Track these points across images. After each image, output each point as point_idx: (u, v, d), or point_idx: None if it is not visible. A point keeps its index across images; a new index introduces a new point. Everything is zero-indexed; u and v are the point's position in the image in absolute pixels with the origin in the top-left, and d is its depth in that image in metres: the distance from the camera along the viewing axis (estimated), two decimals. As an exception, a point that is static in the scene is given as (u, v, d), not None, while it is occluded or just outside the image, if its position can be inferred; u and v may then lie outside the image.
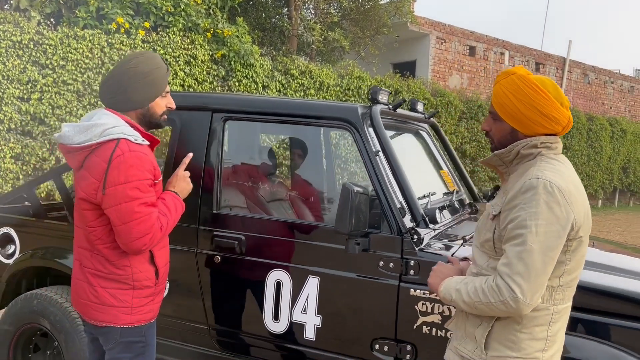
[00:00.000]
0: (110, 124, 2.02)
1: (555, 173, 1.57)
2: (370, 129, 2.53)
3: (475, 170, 11.61)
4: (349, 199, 2.22)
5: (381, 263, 2.38)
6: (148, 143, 2.09)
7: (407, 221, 2.38)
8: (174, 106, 2.24)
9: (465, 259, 1.94)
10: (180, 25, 7.08)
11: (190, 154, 2.38)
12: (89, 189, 2.02)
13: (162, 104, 2.18)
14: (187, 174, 2.30)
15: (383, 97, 2.68)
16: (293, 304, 2.54)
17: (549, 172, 1.56)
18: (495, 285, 1.55)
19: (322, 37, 10.57)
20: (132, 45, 6.66)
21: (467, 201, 3.47)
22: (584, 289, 2.11)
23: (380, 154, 2.47)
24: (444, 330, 2.27)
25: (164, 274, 2.21)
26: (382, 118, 2.58)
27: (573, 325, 2.09)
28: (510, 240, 1.56)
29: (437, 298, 2.27)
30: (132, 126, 2.08)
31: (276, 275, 2.57)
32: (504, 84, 1.66)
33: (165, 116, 2.22)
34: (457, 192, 3.30)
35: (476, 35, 14.78)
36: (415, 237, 2.33)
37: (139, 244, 1.99)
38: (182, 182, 2.26)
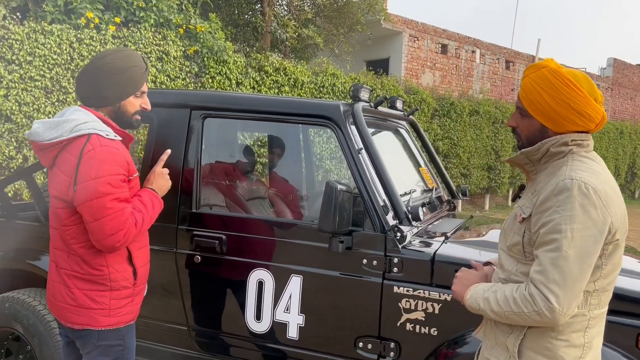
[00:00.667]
0: (82, 120, 1.98)
1: (590, 173, 1.47)
2: (353, 127, 2.52)
3: (448, 167, 11.74)
4: (332, 197, 2.21)
5: (364, 261, 2.37)
6: (120, 138, 2.04)
7: (390, 219, 2.38)
8: (149, 107, 2.19)
9: (488, 263, 1.84)
10: (152, 20, 6.95)
11: (168, 151, 2.34)
12: (60, 186, 1.97)
13: (136, 103, 2.12)
14: (166, 170, 2.26)
15: (364, 95, 2.67)
16: (275, 303, 2.52)
17: (584, 172, 1.47)
18: (528, 294, 1.45)
19: (296, 33, 10.52)
20: (102, 41, 6.51)
21: (446, 198, 3.49)
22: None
23: (363, 151, 2.46)
24: (427, 328, 2.28)
25: (142, 274, 2.16)
26: (363, 115, 2.57)
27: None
28: (544, 246, 1.46)
29: (421, 295, 2.28)
30: (105, 122, 2.04)
31: (258, 275, 2.54)
32: (533, 78, 1.55)
33: (138, 116, 2.16)
34: (435, 189, 3.33)
35: (448, 34, 14.93)
36: (399, 234, 2.33)
37: (112, 241, 1.93)
38: (160, 179, 2.22)
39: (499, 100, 14.26)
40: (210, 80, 7.50)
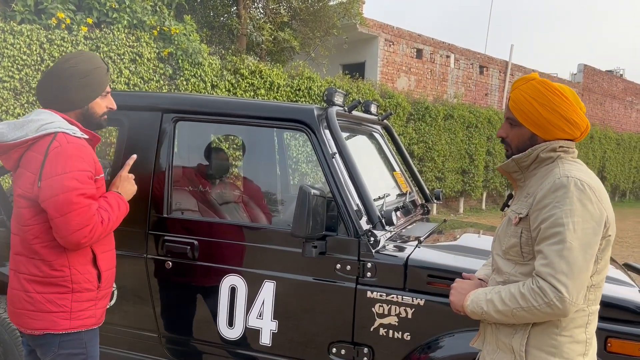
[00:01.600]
0: (47, 120, 1.97)
1: (582, 172, 1.58)
2: (327, 131, 2.51)
3: (423, 170, 11.83)
4: (306, 201, 2.19)
5: (338, 266, 2.36)
6: (87, 137, 2.03)
7: (364, 223, 2.37)
8: (114, 107, 2.21)
9: (480, 279, 1.85)
10: (125, 22, 6.85)
11: (134, 156, 2.35)
12: (25, 184, 1.95)
13: (103, 104, 2.15)
14: (131, 176, 2.26)
15: (339, 99, 2.66)
16: (248, 309, 2.49)
17: (577, 172, 1.56)
18: (537, 287, 1.49)
19: (272, 36, 10.49)
20: (73, 42, 6.39)
21: (419, 202, 3.51)
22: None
23: (337, 156, 2.45)
24: (400, 332, 2.28)
25: (107, 278, 2.12)
26: (337, 120, 2.56)
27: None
28: (547, 240, 1.51)
29: (394, 300, 2.28)
30: (71, 123, 2.03)
31: (231, 281, 2.50)
32: (524, 89, 1.65)
33: (106, 117, 2.18)
34: (409, 194, 3.34)
35: (423, 38, 15.07)
36: (372, 239, 2.32)
37: (78, 236, 1.90)
38: (126, 184, 2.21)
39: (473, 105, 14.45)
40: (184, 83, 7.42)
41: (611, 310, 2.10)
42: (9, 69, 5.98)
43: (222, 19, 11.17)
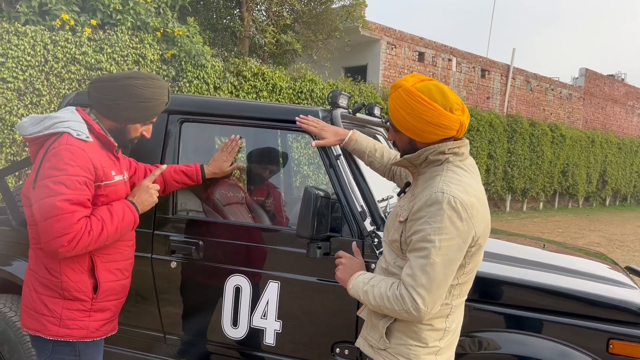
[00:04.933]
0: (63, 118, 1.95)
1: (459, 185, 1.62)
2: (331, 133, 2.52)
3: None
4: (311, 202, 2.21)
5: (342, 267, 2.37)
6: (91, 139, 1.97)
7: (368, 224, 2.39)
8: (149, 136, 2.19)
9: None
10: (129, 23, 6.89)
11: (164, 167, 2.33)
12: (27, 183, 1.95)
13: (140, 129, 2.13)
14: (155, 186, 2.19)
15: (343, 101, 2.68)
16: (252, 309, 2.50)
17: (454, 185, 1.61)
18: (399, 294, 1.62)
19: (274, 39, 10.52)
20: (77, 43, 6.42)
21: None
22: (531, 288, 2.20)
23: (341, 157, 2.47)
24: (404, 333, 2.29)
25: (107, 290, 2.02)
26: (341, 122, 2.58)
27: (520, 324, 2.16)
28: (415, 252, 1.62)
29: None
30: (89, 124, 2.00)
31: (235, 281, 2.52)
32: (393, 98, 1.71)
33: (136, 141, 2.16)
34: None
35: (425, 42, 15.11)
36: (376, 240, 2.34)
37: (55, 244, 1.81)
38: (144, 194, 2.14)
39: (475, 108, 14.47)
40: (187, 85, 7.45)
41: (613, 312, 2.12)
42: (13, 70, 6.01)
43: (225, 21, 11.21)
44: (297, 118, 2.43)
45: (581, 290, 2.22)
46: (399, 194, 1.93)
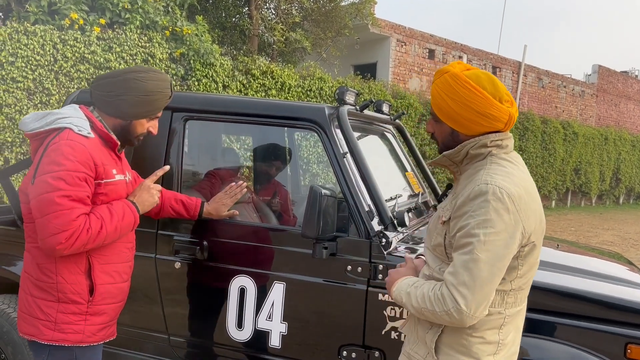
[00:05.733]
0: (65, 114, 1.92)
1: (506, 177, 1.49)
2: (338, 130, 2.47)
3: (435, 171, 11.75)
4: (316, 202, 2.16)
5: (349, 267, 2.32)
6: (93, 136, 1.93)
7: (375, 224, 2.33)
8: (155, 132, 2.14)
9: (420, 256, 1.85)
10: (138, 22, 6.88)
11: (166, 167, 2.27)
12: (26, 179, 1.90)
13: (146, 125, 2.08)
14: (156, 187, 2.14)
15: (350, 98, 2.63)
16: (258, 310, 2.45)
17: (499, 176, 1.49)
18: (440, 294, 1.48)
19: (284, 37, 10.48)
20: (86, 43, 6.42)
21: (432, 203, 3.46)
22: (545, 290, 2.13)
23: (348, 155, 2.41)
24: (412, 336, 2.23)
25: (104, 293, 1.96)
26: (349, 119, 2.52)
27: (533, 327, 2.09)
28: (459, 249, 1.49)
29: (406, 303, 2.24)
30: (91, 121, 1.96)
31: (240, 282, 2.47)
32: (437, 84, 1.59)
33: (142, 138, 2.11)
34: (422, 194, 3.29)
35: (435, 39, 14.99)
36: (384, 240, 2.28)
37: (53, 241, 1.76)
38: (145, 194, 2.08)
39: (486, 106, 14.31)
40: (196, 83, 7.43)
41: (631, 315, 2.04)
42: (22, 69, 6.02)
43: (233, 19, 11.19)
44: None
45: (597, 292, 2.14)
46: (439, 199, 1.82)
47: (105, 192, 1.94)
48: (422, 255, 1.84)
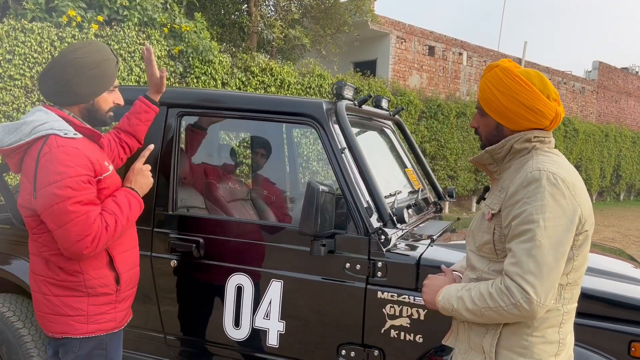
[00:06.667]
0: (40, 121, 1.85)
1: (556, 164, 1.50)
2: (336, 126, 2.43)
3: (435, 169, 11.71)
4: (314, 198, 2.12)
5: (347, 265, 2.28)
6: (80, 136, 1.90)
7: (374, 221, 2.29)
8: (121, 102, 2.09)
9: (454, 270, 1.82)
10: (136, 19, 6.82)
11: (151, 146, 2.24)
12: (24, 194, 1.86)
13: (110, 99, 2.03)
14: (147, 167, 2.14)
15: (348, 93, 2.58)
16: (255, 309, 2.42)
17: (550, 164, 1.48)
18: (504, 287, 1.43)
19: (283, 34, 10.42)
20: (84, 40, 6.37)
21: (432, 200, 3.42)
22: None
23: (346, 151, 2.37)
24: (412, 334, 2.20)
25: (127, 279, 2.04)
26: (347, 114, 2.48)
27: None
28: (517, 238, 1.45)
29: (406, 301, 2.20)
30: (67, 120, 1.91)
31: (237, 280, 2.44)
32: (488, 78, 1.60)
33: (112, 113, 2.06)
34: (421, 191, 3.25)
35: (435, 35, 14.93)
36: (383, 237, 2.24)
37: (79, 247, 1.80)
38: (140, 177, 2.10)
39: (486, 103, 14.25)
40: (195, 81, 7.38)
41: (635, 313, 2.00)
42: (20, 67, 5.97)
43: (232, 16, 11.14)
44: None
45: (600, 289, 2.10)
46: (478, 202, 1.82)
47: (107, 186, 1.95)
48: (456, 270, 1.82)
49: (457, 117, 12.26)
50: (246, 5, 10.80)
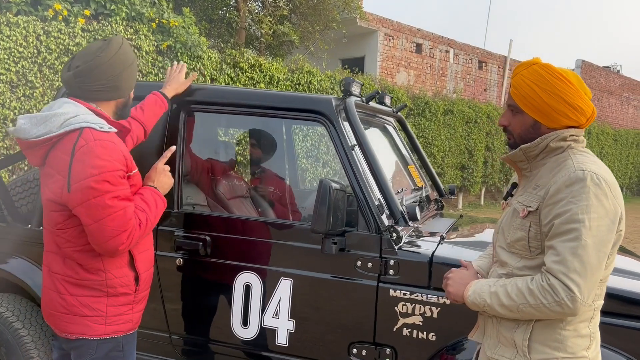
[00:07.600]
0: (72, 113, 1.80)
1: (597, 165, 1.51)
2: (345, 122, 2.40)
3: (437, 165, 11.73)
4: (326, 196, 2.09)
5: (359, 263, 2.26)
6: (115, 130, 1.87)
7: (385, 219, 2.27)
8: (132, 97, 2.10)
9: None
10: (123, 14, 6.71)
11: (173, 147, 2.23)
12: (54, 188, 1.79)
13: (132, 93, 2.07)
14: (167, 167, 2.14)
15: (356, 89, 2.56)
16: (264, 308, 2.38)
17: (592, 165, 1.50)
18: (547, 285, 1.44)
19: (271, 30, 10.35)
20: (70, 34, 6.25)
21: (434, 197, 3.41)
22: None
23: (357, 148, 2.35)
24: (425, 333, 2.18)
25: (145, 280, 2.01)
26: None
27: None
28: (560, 236, 1.45)
29: (418, 298, 2.19)
30: (98, 114, 1.87)
31: (245, 278, 2.40)
32: (525, 74, 1.58)
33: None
34: (424, 188, 3.24)
35: (423, 33, 14.96)
36: (395, 235, 2.22)
37: (115, 243, 1.78)
38: (163, 177, 2.09)
39: (472, 100, 14.37)
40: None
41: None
42: (5, 62, 5.83)
43: (220, 12, 11.03)
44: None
45: (615, 287, 2.09)
46: (505, 198, 1.80)
47: (134, 183, 1.93)
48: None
49: (444, 114, 12.32)
50: (234, 0, 10.70)
